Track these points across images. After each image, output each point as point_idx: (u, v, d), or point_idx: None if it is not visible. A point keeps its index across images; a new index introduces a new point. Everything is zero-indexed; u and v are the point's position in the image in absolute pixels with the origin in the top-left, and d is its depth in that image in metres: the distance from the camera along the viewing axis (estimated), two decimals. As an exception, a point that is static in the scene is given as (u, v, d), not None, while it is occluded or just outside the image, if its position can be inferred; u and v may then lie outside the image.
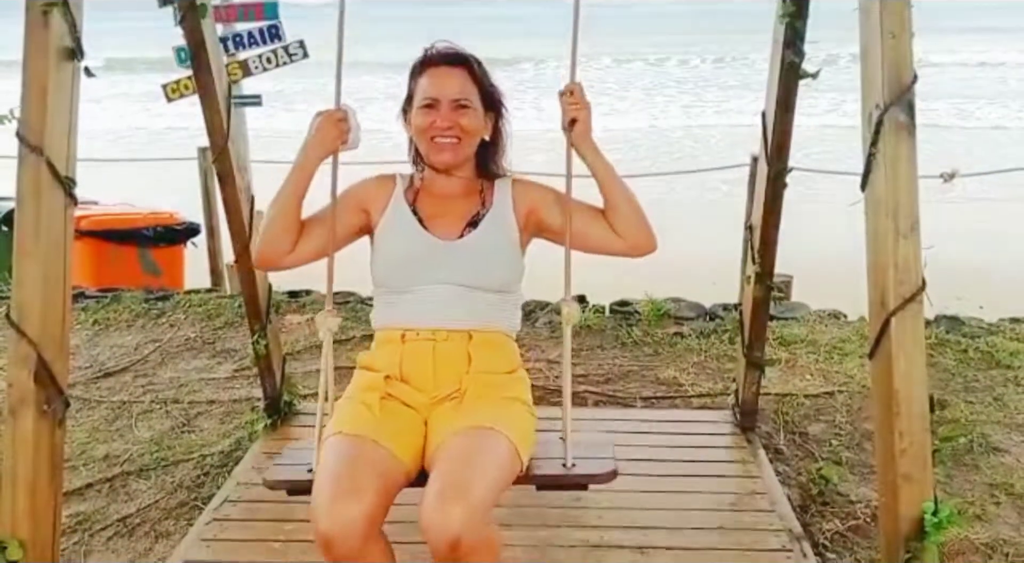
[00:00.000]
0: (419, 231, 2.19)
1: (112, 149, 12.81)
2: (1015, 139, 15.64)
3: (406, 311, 2.16)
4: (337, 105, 2.19)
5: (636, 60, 31.38)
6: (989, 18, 42.94)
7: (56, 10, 2.00)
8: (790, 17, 2.55)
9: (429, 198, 2.25)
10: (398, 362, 2.14)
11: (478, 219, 2.20)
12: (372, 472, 1.90)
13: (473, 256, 2.16)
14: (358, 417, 2.05)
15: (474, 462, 1.89)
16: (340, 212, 2.20)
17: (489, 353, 2.16)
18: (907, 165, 1.83)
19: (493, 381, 2.13)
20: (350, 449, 1.95)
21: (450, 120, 2.15)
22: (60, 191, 2.02)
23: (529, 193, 2.25)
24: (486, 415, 2.01)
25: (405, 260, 2.18)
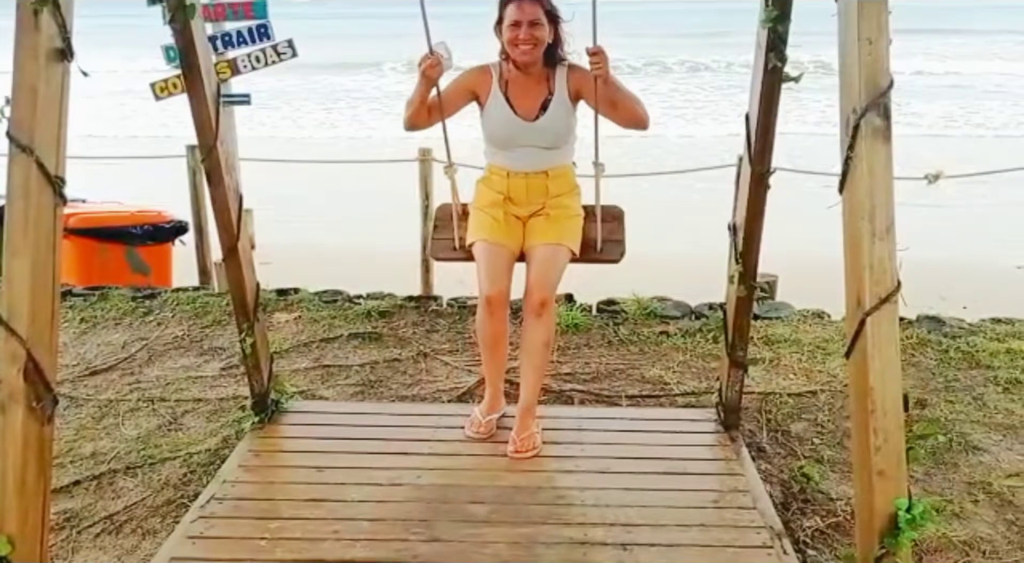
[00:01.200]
0: (510, 114, 3.33)
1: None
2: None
3: (509, 159, 3.39)
4: (429, 50, 3.15)
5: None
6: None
7: (46, 10, 2.02)
8: (773, 22, 2.58)
9: (515, 87, 3.35)
10: (505, 188, 3.40)
11: (547, 103, 3.32)
12: (507, 261, 3.33)
13: (546, 131, 3.33)
14: (491, 227, 3.36)
15: (552, 262, 3.29)
16: (456, 96, 3.36)
17: (559, 182, 3.41)
18: (883, 168, 1.87)
19: (561, 202, 3.40)
20: (495, 248, 3.32)
21: (528, 34, 3.21)
22: (50, 190, 2.04)
23: (576, 79, 3.31)
24: (557, 233, 3.34)
25: (503, 131, 3.36)
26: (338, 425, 3.61)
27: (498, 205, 3.40)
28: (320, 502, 2.99)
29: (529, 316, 3.28)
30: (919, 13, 38.35)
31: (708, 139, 16.34)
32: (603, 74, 3.13)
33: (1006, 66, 27.23)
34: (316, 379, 4.29)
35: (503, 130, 3.36)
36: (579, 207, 3.49)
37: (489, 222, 3.38)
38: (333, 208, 10.30)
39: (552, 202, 3.40)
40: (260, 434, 3.51)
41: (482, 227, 3.38)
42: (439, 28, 3.13)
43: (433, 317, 5.03)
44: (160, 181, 8.10)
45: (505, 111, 3.34)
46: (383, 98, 22.09)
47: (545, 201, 3.41)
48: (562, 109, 3.34)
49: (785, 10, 2.54)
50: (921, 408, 3.86)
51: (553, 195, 3.40)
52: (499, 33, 3.32)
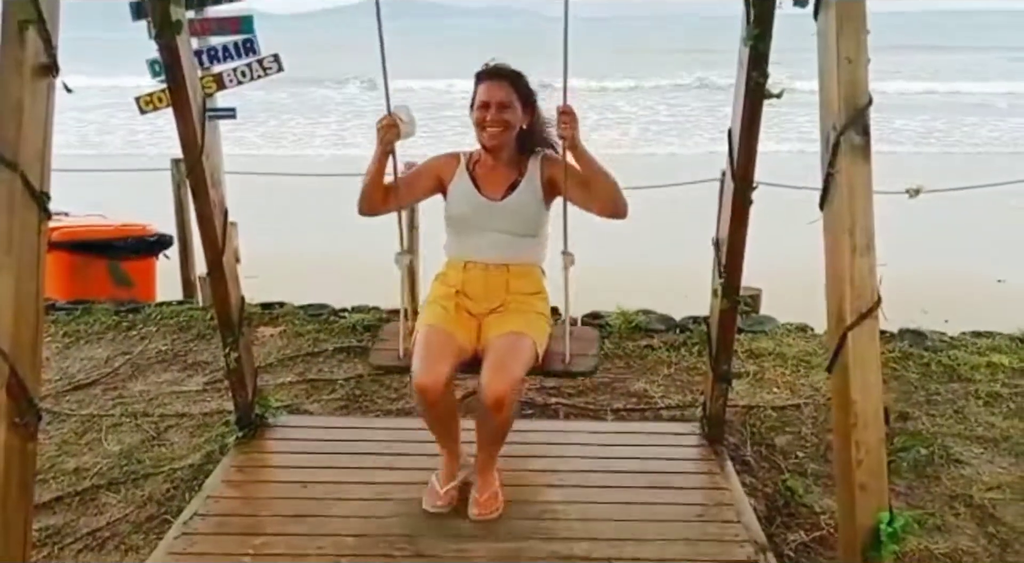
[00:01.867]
0: (474, 193, 3.10)
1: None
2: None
3: (468, 247, 3.12)
4: (387, 112, 2.95)
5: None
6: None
7: (32, 26, 2.02)
8: (754, 40, 2.62)
9: (482, 169, 3.13)
10: (461, 282, 3.09)
11: (516, 185, 3.09)
12: (450, 349, 2.92)
13: (512, 213, 3.07)
14: (440, 316, 3.03)
15: (512, 353, 2.90)
16: (421, 178, 3.16)
17: (521, 280, 3.10)
18: (863, 185, 1.90)
19: (525, 300, 3.08)
20: (437, 335, 2.95)
21: (497, 117, 3.01)
22: (34, 206, 2.04)
23: (551, 166, 3.08)
24: (519, 323, 2.99)
25: (466, 213, 3.10)
26: (323, 440, 3.60)
27: (450, 297, 3.09)
28: (304, 517, 2.98)
29: (484, 411, 2.89)
30: (903, 30, 38.82)
31: (692, 156, 16.46)
32: (570, 137, 2.86)
33: (988, 85, 27.52)
34: (301, 393, 4.28)
35: (465, 209, 3.09)
36: (546, 310, 3.15)
37: (437, 311, 3.05)
38: (319, 221, 10.29)
39: (513, 298, 3.07)
40: (244, 449, 3.50)
41: (428, 315, 3.06)
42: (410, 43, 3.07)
43: (418, 331, 5.03)
44: (144, 194, 8.08)
45: (469, 190, 3.09)
46: (371, 113, 22.15)
47: (505, 298, 3.07)
48: (532, 194, 3.07)
49: (766, 29, 2.58)
50: (903, 421, 3.90)
51: (514, 292, 3.08)
52: (472, 114, 3.09)
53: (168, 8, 2.75)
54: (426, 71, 28.68)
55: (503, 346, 2.91)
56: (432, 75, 27.77)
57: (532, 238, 3.12)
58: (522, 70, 3.09)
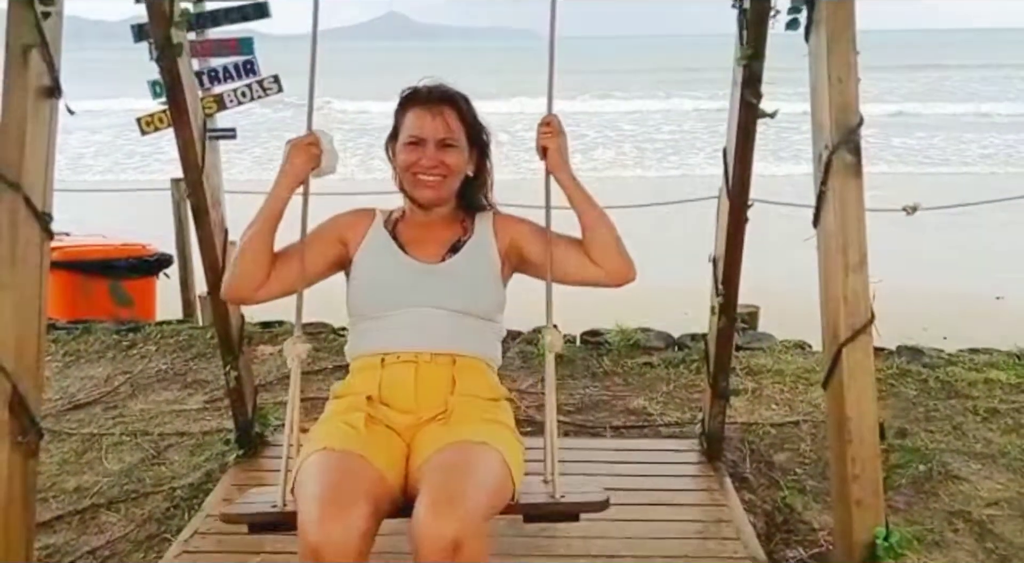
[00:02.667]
0: (399, 255, 2.19)
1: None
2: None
3: (386, 335, 2.12)
4: (308, 129, 2.19)
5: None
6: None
7: (35, 50, 2.06)
8: (748, 59, 2.65)
9: (410, 226, 2.26)
10: (377, 385, 2.08)
11: (459, 245, 2.22)
12: (363, 485, 1.81)
13: (455, 280, 2.16)
14: (343, 433, 1.98)
15: (467, 472, 1.83)
16: (317, 244, 2.19)
17: (473, 378, 2.13)
18: (855, 203, 1.92)
19: (479, 404, 2.09)
20: (339, 461, 1.86)
21: (435, 159, 2.16)
22: (36, 226, 2.06)
23: (510, 227, 2.27)
24: (476, 431, 1.97)
25: (385, 283, 2.16)
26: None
27: (357, 408, 2.06)
28: (304, 535, 2.98)
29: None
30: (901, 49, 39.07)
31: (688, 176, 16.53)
32: (554, 158, 2.14)
33: (983, 105, 27.56)
34: (300, 412, 4.26)
35: (383, 277, 2.17)
36: (511, 422, 2.16)
37: (338, 429, 2.02)
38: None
39: (462, 401, 2.08)
40: (244, 467, 3.51)
41: (323, 435, 2.02)
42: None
43: (418, 349, 5.03)
44: (145, 214, 8.11)
45: (389, 251, 2.20)
46: (375, 130, 22.25)
47: (448, 401, 2.07)
48: (482, 258, 2.21)
49: (759, 49, 2.61)
50: (902, 437, 3.90)
51: (464, 393, 2.09)
52: (391, 155, 2.27)
53: (169, 30, 2.78)
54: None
55: (453, 461, 1.87)
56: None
57: (485, 322, 2.20)
58: (467, 94, 2.28)
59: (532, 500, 2.09)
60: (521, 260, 2.25)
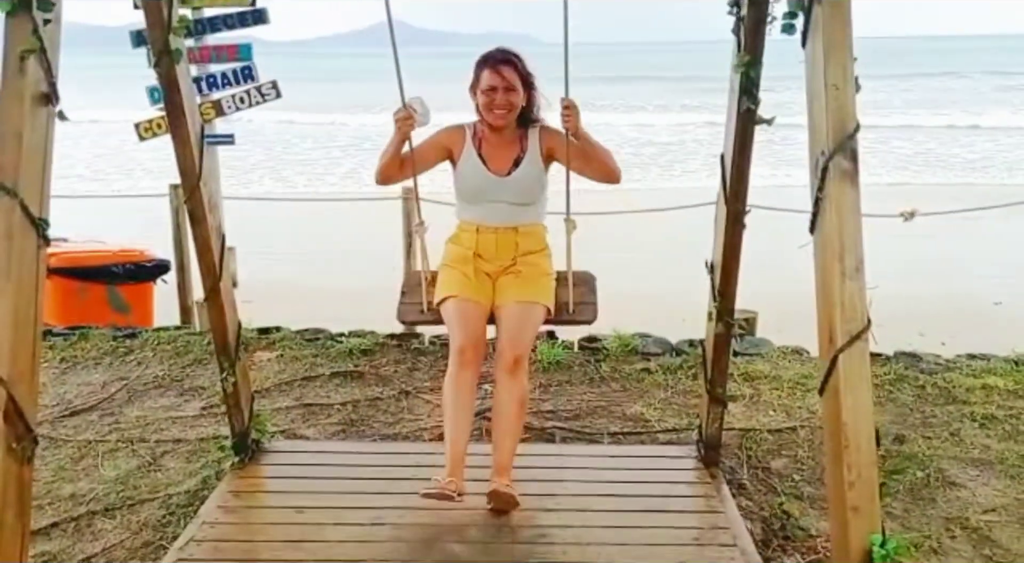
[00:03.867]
0: (483, 169, 3.38)
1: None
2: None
3: (479, 214, 3.42)
4: (402, 104, 3.24)
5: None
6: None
7: (33, 56, 2.06)
8: (745, 66, 2.65)
9: (488, 145, 3.41)
10: (475, 244, 3.41)
11: (520, 160, 3.37)
12: (475, 317, 3.28)
13: (517, 186, 3.37)
14: (459, 282, 3.34)
15: (524, 322, 3.27)
16: (429, 150, 3.41)
17: (529, 240, 3.42)
18: (851, 209, 1.92)
19: (532, 261, 3.40)
20: (466, 304, 3.29)
21: (504, 100, 3.29)
22: (33, 232, 2.06)
23: (548, 139, 3.39)
24: (531, 291, 3.33)
25: (476, 186, 3.39)
26: (319, 465, 3.60)
27: (467, 261, 3.39)
28: (300, 543, 2.98)
29: (502, 376, 3.19)
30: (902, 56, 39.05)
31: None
32: (573, 127, 3.21)
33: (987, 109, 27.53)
34: (297, 418, 4.28)
35: (475, 184, 3.39)
36: (550, 267, 3.48)
37: (459, 278, 3.36)
38: (316, 246, 10.33)
39: (522, 259, 3.40)
40: (240, 474, 3.50)
41: (452, 283, 3.36)
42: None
43: (415, 355, 5.04)
44: (143, 219, 8.12)
45: (478, 167, 3.38)
46: (375, 137, 22.29)
47: (515, 257, 3.41)
48: (534, 167, 3.39)
49: (756, 56, 2.62)
50: (899, 444, 3.90)
51: (523, 252, 3.41)
52: (474, 95, 3.38)
53: (167, 37, 2.78)
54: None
55: (517, 314, 3.28)
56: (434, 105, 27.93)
57: (536, 203, 3.45)
58: (520, 53, 3.38)
59: (558, 318, 3.43)
60: (553, 158, 3.40)
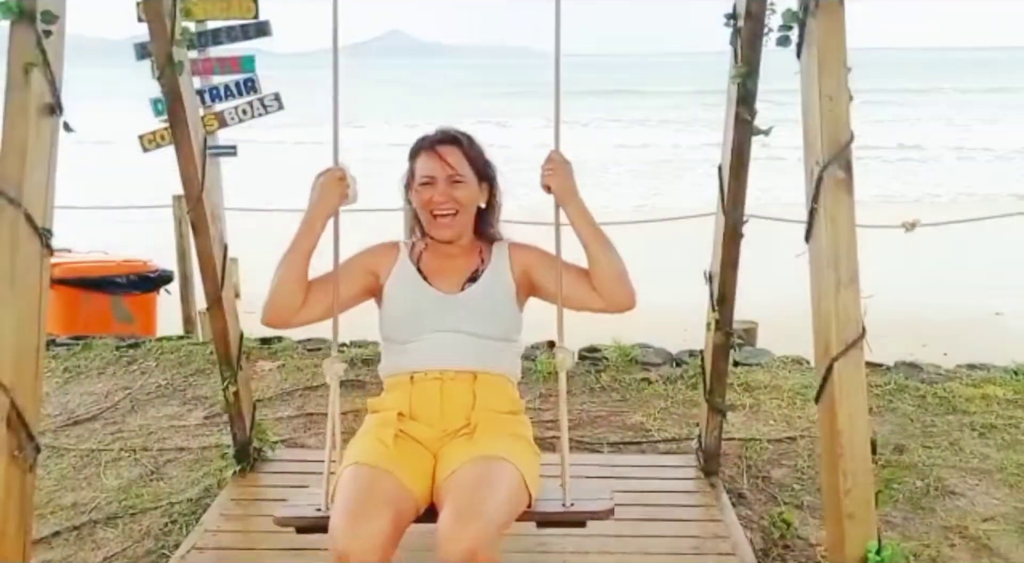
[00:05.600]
0: (424, 286, 2.41)
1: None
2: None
3: (414, 357, 2.36)
4: (335, 163, 2.35)
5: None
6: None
7: (36, 68, 2.08)
8: (742, 77, 2.68)
9: (432, 258, 2.47)
10: (407, 401, 2.34)
11: (478, 275, 2.43)
12: (387, 498, 2.08)
13: (474, 307, 2.38)
14: (373, 450, 2.23)
15: (487, 487, 2.08)
16: (350, 275, 2.40)
17: (493, 393, 2.36)
18: (846, 219, 1.94)
19: (500, 418, 2.33)
20: (367, 476, 2.13)
21: (446, 195, 2.37)
22: (37, 242, 2.08)
23: (523, 256, 2.47)
24: (497, 446, 2.21)
25: (412, 313, 2.39)
26: (320, 474, 3.60)
27: (388, 424, 2.31)
28: (302, 551, 2.98)
29: None
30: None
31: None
32: (557, 185, 2.30)
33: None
34: (299, 427, 4.29)
35: (409, 306, 2.39)
36: (529, 435, 2.42)
37: (369, 444, 2.27)
38: (317, 256, 10.36)
39: (484, 417, 2.31)
40: (242, 483, 3.52)
41: (356, 451, 2.26)
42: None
43: (416, 365, 5.05)
44: (147, 230, 8.15)
45: (414, 281, 2.42)
46: (378, 147, 22.36)
47: (470, 416, 2.31)
48: (499, 285, 2.42)
49: (753, 67, 2.64)
50: (899, 453, 3.91)
51: (484, 409, 2.33)
52: (409, 197, 2.48)
53: (171, 49, 2.82)
54: (424, 115, 28.99)
55: (475, 477, 2.10)
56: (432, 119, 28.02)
57: (504, 342, 2.42)
58: (472, 135, 2.49)
59: (545, 509, 2.29)
60: (532, 286, 2.45)
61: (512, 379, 2.46)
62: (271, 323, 2.37)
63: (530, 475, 2.22)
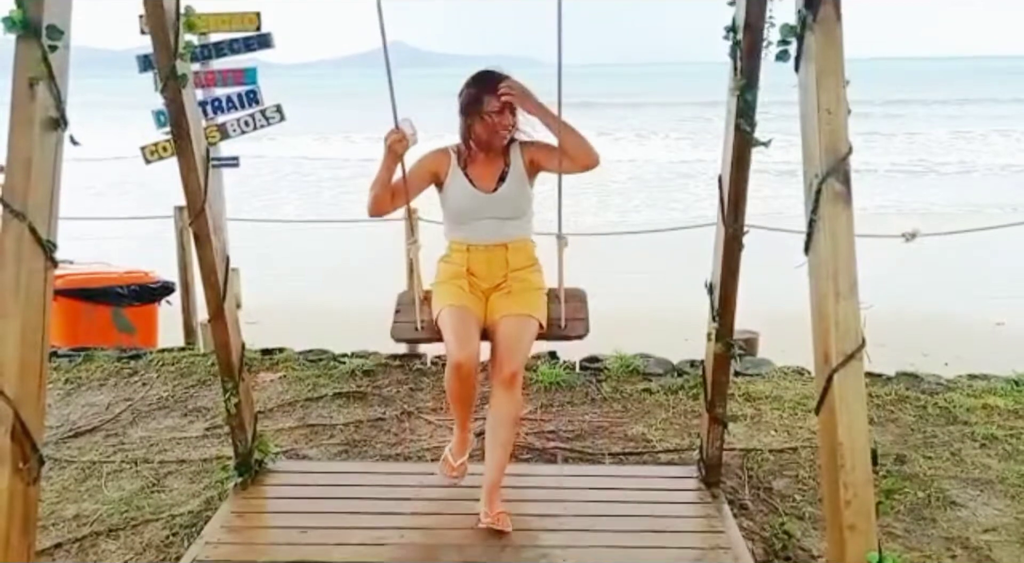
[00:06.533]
0: (470, 189, 3.38)
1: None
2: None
3: (469, 233, 3.42)
4: (395, 125, 3.20)
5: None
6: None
7: (41, 83, 2.10)
8: (741, 90, 2.70)
9: (474, 165, 3.41)
10: (466, 262, 3.42)
11: (505, 175, 3.38)
12: (472, 326, 3.27)
13: (504, 201, 3.37)
14: (457, 294, 3.34)
15: (521, 335, 3.26)
16: (418, 175, 3.39)
17: (519, 256, 3.43)
18: (845, 231, 1.96)
19: (524, 276, 3.41)
20: (460, 313, 3.27)
21: (510, 120, 3.32)
22: (41, 254, 2.10)
23: (529, 151, 3.39)
24: (524, 305, 3.32)
25: (464, 207, 3.40)
26: (322, 485, 3.62)
27: (461, 276, 3.40)
28: (303, 562, 2.99)
29: (498, 389, 3.21)
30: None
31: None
32: (518, 100, 3.22)
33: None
34: (300, 438, 4.30)
35: (464, 204, 3.39)
36: (541, 282, 3.48)
37: (454, 290, 3.37)
38: (319, 267, 10.37)
39: (513, 275, 3.41)
40: (243, 495, 3.52)
41: (447, 295, 3.36)
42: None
43: (417, 375, 5.06)
44: (148, 241, 8.16)
45: (465, 186, 3.38)
46: (374, 159, 22.40)
47: (506, 273, 3.41)
48: (519, 180, 3.39)
49: (752, 80, 2.66)
50: (900, 464, 3.90)
51: (514, 268, 3.41)
52: (466, 117, 3.35)
53: (174, 62, 2.84)
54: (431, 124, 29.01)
55: (512, 329, 3.27)
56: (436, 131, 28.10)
57: (523, 217, 3.46)
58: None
59: (550, 334, 3.41)
60: (537, 166, 3.39)
61: (529, 236, 3.48)
62: (373, 213, 3.35)
63: (542, 315, 3.36)
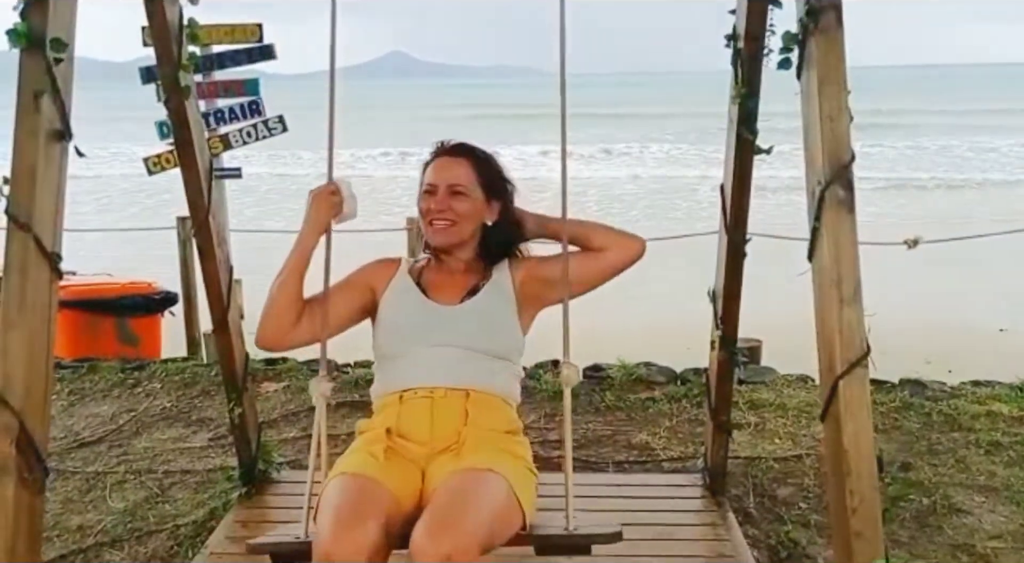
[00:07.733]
0: (421, 299, 2.35)
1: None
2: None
3: (405, 373, 2.27)
4: (329, 179, 2.34)
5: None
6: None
7: (46, 95, 2.11)
8: (742, 98, 2.70)
9: (433, 272, 2.42)
10: (396, 419, 2.22)
11: (478, 289, 2.36)
12: (377, 506, 1.94)
13: (472, 320, 2.29)
14: (362, 462, 2.12)
15: (469, 497, 1.94)
16: (347, 292, 2.37)
17: (488, 412, 2.23)
18: (848, 238, 1.96)
19: (493, 436, 2.19)
20: (355, 485, 2.01)
21: (444, 204, 2.31)
22: (46, 266, 2.10)
23: (521, 263, 2.43)
24: (484, 459, 2.07)
25: (406, 325, 2.31)
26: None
27: (377, 441, 2.18)
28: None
29: None
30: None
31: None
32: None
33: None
34: (304, 449, 4.28)
35: (405, 318, 2.31)
36: (527, 455, 2.29)
37: (358, 458, 2.15)
38: (321, 277, 10.38)
39: (474, 432, 2.17)
40: (247, 505, 3.51)
41: (345, 465, 2.14)
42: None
43: (421, 385, 5.05)
44: (151, 252, 8.18)
45: (412, 295, 2.35)
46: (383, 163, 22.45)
47: (461, 432, 2.17)
48: (499, 298, 2.34)
49: (754, 88, 2.67)
50: (905, 471, 3.90)
51: (476, 425, 2.19)
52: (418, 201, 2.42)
53: (177, 73, 2.85)
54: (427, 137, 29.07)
55: (457, 487, 1.97)
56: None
57: (501, 361, 2.31)
58: (492, 153, 2.47)
59: (546, 531, 2.17)
60: (543, 286, 2.38)
61: (509, 401, 2.33)
62: (263, 344, 2.32)
63: (523, 493, 2.08)
